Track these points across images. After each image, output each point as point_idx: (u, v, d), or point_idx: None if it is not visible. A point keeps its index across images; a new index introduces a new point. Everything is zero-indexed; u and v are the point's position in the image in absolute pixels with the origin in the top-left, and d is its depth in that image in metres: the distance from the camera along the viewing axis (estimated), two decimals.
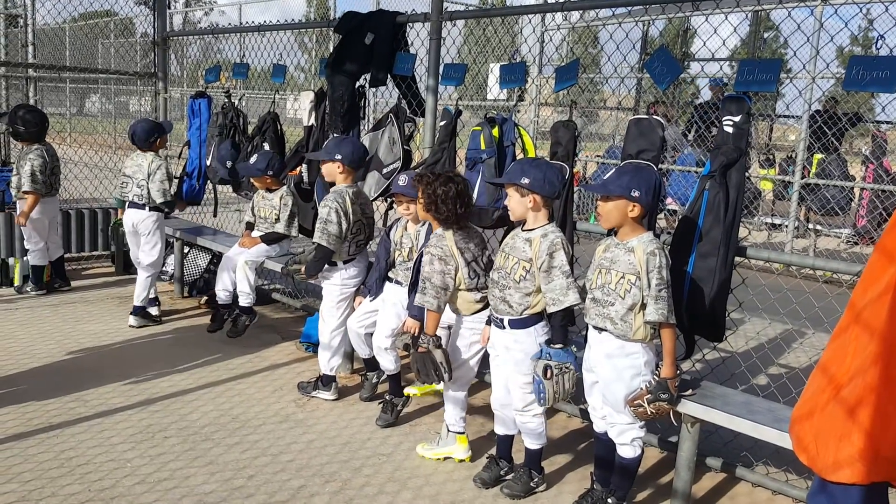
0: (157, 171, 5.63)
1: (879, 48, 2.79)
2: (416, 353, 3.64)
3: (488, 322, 3.66)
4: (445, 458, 3.87)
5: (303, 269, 4.57)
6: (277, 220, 5.29)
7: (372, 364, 4.56)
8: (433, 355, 3.57)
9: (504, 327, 3.44)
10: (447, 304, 3.65)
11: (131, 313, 5.82)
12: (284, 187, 5.36)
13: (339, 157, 4.37)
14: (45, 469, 3.57)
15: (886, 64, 2.75)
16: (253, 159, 5.35)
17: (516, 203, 3.37)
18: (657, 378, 3.14)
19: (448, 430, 3.91)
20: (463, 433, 3.90)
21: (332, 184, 4.49)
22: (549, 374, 3.23)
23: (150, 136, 5.70)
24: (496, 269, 3.47)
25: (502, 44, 10.29)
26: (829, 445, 1.87)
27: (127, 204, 5.79)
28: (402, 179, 4.07)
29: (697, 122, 9.75)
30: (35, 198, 6.18)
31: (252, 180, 5.51)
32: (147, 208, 5.69)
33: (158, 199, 5.67)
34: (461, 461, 3.85)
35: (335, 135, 5.03)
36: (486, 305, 3.64)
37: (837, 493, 1.89)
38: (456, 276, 3.59)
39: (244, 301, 5.27)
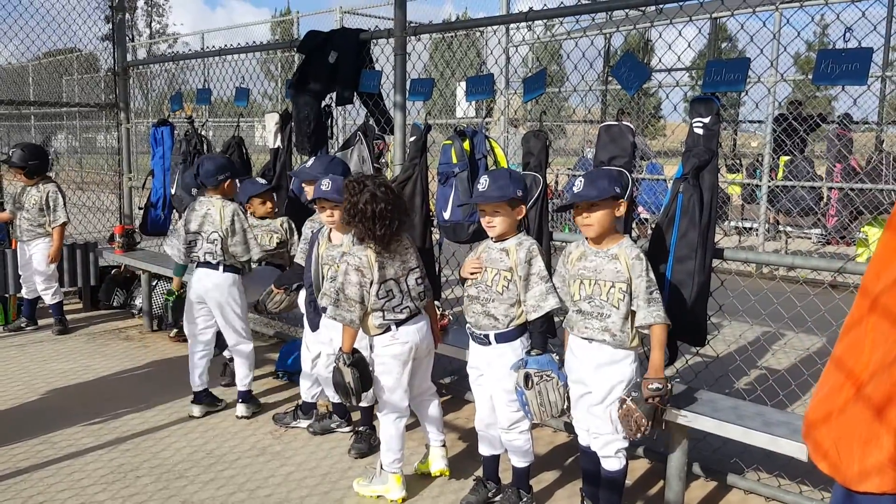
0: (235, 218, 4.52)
1: (848, 41, 2.75)
2: (333, 369, 3.47)
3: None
4: (378, 497, 3.62)
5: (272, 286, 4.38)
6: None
7: (342, 409, 4.38)
8: (343, 374, 3.39)
9: (489, 343, 3.34)
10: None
11: (239, 401, 4.64)
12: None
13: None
14: None
15: (856, 56, 2.73)
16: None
17: (503, 219, 3.26)
18: (642, 380, 3.04)
19: (382, 469, 3.65)
20: (397, 473, 3.62)
21: (299, 206, 4.36)
22: (529, 384, 3.15)
23: (218, 172, 4.51)
24: (474, 284, 3.37)
25: (468, 58, 10.33)
26: (852, 451, 1.66)
27: (196, 265, 4.58)
28: (326, 184, 3.79)
29: None
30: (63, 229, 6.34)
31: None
32: (222, 268, 4.51)
33: (255, 255, 4.61)
34: (392, 502, 3.59)
35: (316, 156, 4.88)
36: (387, 331, 3.46)
37: None
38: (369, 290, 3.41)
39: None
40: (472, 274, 3.37)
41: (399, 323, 3.48)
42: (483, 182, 3.26)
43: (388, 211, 3.33)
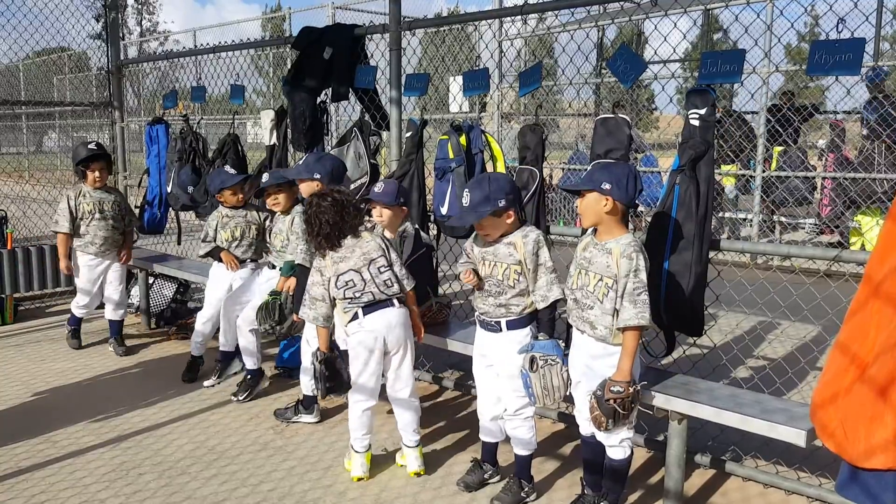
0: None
1: (841, 31, 2.77)
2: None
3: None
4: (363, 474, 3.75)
5: (295, 316, 4.27)
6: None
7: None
8: (315, 368, 3.63)
9: (500, 329, 3.41)
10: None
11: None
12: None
13: (317, 175, 4.16)
14: None
15: (849, 46, 2.75)
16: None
17: (493, 227, 3.33)
18: (608, 380, 3.05)
19: (351, 448, 3.80)
20: (362, 452, 3.76)
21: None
22: (534, 367, 3.21)
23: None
24: (485, 278, 3.41)
25: (463, 51, 10.32)
26: (858, 430, 1.71)
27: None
28: (378, 187, 3.96)
29: None
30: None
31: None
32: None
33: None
34: (351, 479, 3.73)
35: (311, 152, 4.89)
36: (354, 318, 3.62)
37: (871, 481, 1.72)
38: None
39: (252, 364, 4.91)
40: (467, 279, 3.45)
41: (365, 310, 3.61)
42: (465, 197, 3.30)
43: (319, 216, 3.56)
